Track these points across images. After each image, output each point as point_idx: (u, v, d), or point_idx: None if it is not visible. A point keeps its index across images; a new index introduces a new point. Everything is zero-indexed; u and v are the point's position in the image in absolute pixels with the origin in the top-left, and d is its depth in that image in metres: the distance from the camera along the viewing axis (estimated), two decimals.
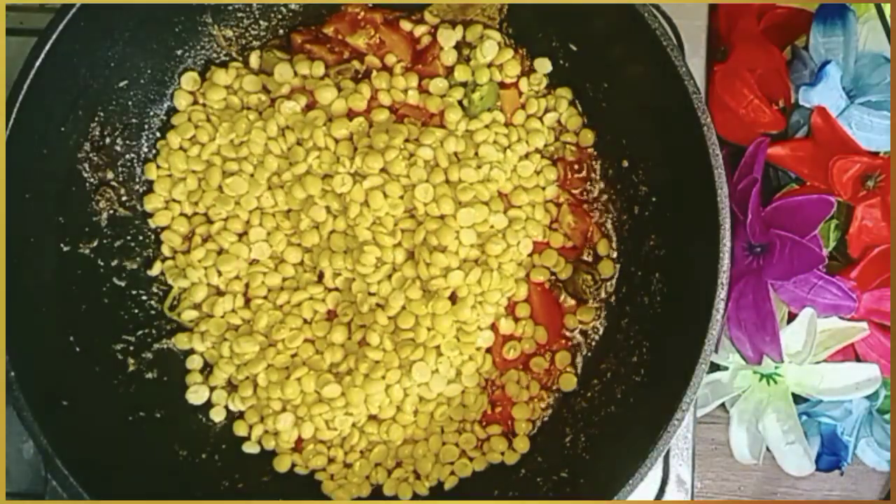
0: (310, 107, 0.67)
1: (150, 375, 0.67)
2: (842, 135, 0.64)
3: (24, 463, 0.66)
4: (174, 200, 0.68)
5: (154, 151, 0.68)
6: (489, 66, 0.68)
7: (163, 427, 0.66)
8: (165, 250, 0.68)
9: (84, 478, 0.58)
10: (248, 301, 0.68)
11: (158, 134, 0.68)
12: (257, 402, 0.67)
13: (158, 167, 0.68)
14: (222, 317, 0.67)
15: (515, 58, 0.68)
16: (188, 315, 0.68)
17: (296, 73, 0.68)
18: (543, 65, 0.68)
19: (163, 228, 0.68)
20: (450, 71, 0.68)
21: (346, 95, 0.67)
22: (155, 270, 0.68)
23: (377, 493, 0.67)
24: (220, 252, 0.67)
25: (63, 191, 0.64)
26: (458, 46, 0.68)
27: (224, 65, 0.69)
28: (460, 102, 0.67)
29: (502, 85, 0.68)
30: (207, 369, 0.69)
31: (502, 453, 0.67)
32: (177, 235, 0.68)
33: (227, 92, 0.68)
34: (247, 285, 0.68)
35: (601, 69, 0.66)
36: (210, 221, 0.68)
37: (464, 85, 0.68)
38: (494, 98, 0.68)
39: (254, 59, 0.69)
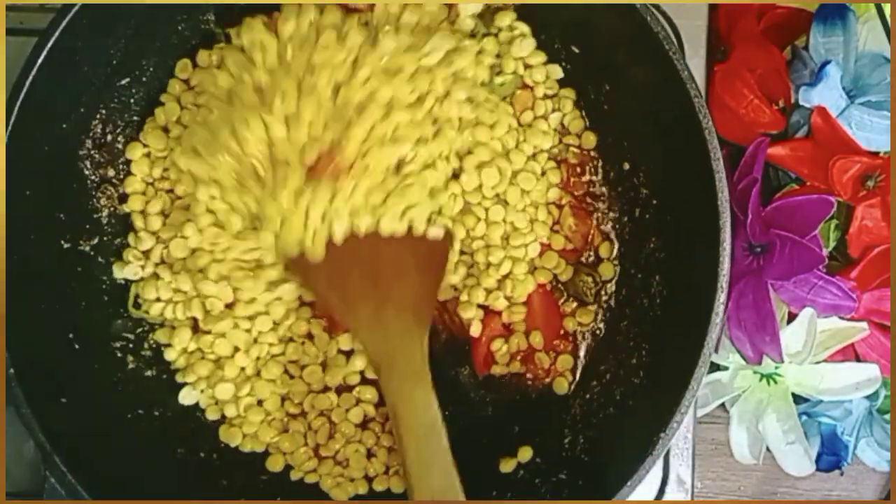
0: None
1: (149, 373, 0.67)
2: (842, 135, 0.64)
3: (24, 463, 0.66)
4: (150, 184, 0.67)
5: None
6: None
7: (161, 425, 0.66)
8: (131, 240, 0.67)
9: (82, 475, 0.58)
10: None
11: None
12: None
13: (145, 146, 0.67)
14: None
15: (543, 65, 0.68)
16: (155, 309, 0.67)
17: None
18: (555, 71, 0.68)
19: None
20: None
21: None
22: (118, 272, 0.67)
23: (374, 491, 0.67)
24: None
25: (64, 188, 0.64)
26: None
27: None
28: None
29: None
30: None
31: None
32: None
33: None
34: None
35: (603, 72, 0.66)
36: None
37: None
38: (512, 91, 0.67)
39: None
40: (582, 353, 0.68)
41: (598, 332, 0.68)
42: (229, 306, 0.65)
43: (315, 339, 0.66)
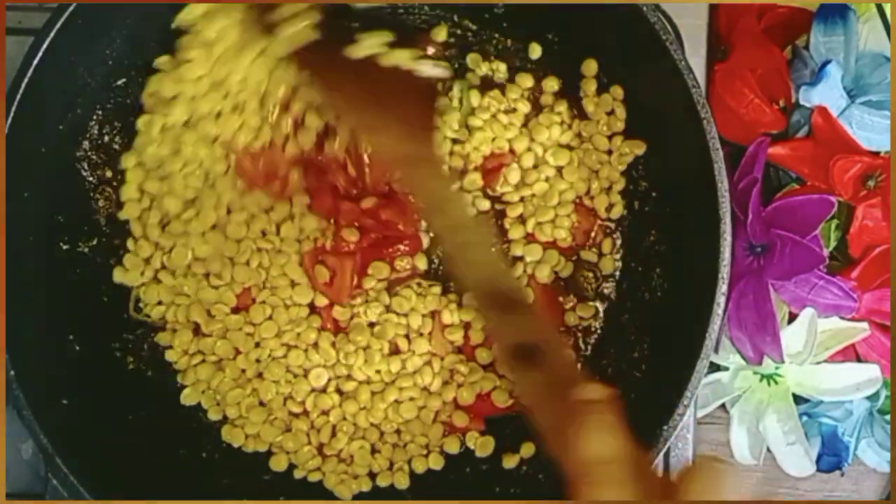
0: None
1: (150, 373, 0.67)
2: (842, 134, 0.64)
3: (22, 463, 0.66)
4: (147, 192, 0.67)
5: None
6: None
7: (163, 425, 0.66)
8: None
9: (85, 477, 0.58)
10: None
11: None
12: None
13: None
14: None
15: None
16: (157, 312, 0.67)
17: None
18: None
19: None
20: None
21: None
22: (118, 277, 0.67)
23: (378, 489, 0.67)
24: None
25: (62, 190, 0.64)
26: None
27: None
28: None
29: None
30: None
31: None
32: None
33: None
34: None
35: (601, 64, 0.66)
36: None
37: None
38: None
39: None
40: (583, 348, 0.68)
41: (598, 326, 0.68)
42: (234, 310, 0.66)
43: (320, 350, 0.66)
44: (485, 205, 0.67)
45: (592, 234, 0.68)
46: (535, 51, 0.68)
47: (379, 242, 0.66)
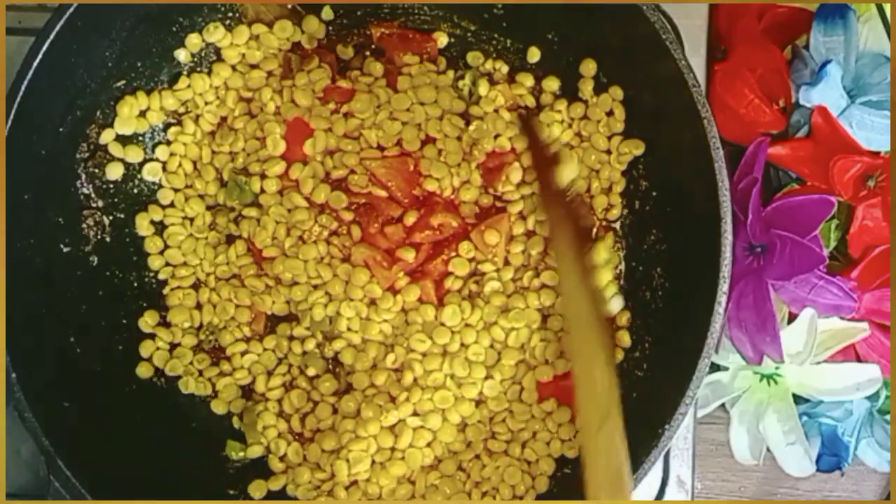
0: None
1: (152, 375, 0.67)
2: (842, 134, 0.64)
3: (22, 463, 0.66)
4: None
5: (153, 153, 0.68)
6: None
7: (165, 427, 0.66)
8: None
9: (86, 478, 0.58)
10: None
11: (158, 136, 0.68)
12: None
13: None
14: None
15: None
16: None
17: None
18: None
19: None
20: None
21: None
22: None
23: None
24: None
25: (62, 192, 0.64)
26: None
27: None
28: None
29: None
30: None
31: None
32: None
33: None
34: None
35: (601, 64, 0.66)
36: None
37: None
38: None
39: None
40: None
41: None
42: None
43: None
44: (486, 201, 0.67)
45: (594, 231, 0.68)
46: (535, 54, 0.68)
47: (433, 250, 0.66)
